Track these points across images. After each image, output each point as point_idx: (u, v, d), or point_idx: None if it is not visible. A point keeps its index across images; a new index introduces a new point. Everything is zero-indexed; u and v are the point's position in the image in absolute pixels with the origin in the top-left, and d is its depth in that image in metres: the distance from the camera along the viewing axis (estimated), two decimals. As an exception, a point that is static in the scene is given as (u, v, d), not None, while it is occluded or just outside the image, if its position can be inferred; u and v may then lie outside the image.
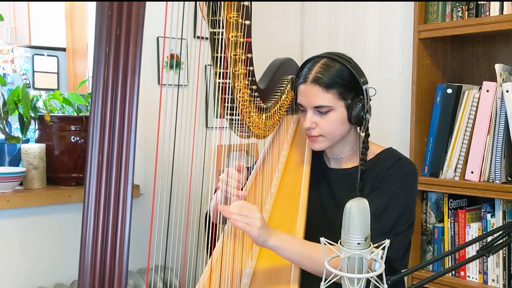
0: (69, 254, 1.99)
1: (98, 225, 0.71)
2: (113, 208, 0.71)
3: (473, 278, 1.94)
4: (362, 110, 1.41)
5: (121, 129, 0.70)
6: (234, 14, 1.21)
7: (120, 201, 0.71)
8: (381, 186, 1.41)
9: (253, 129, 1.43)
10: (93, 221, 0.70)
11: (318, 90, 1.40)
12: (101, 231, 0.71)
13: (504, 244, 1.04)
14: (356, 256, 0.82)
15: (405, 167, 1.45)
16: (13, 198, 1.84)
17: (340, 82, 1.40)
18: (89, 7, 2.44)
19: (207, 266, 1.32)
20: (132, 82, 0.70)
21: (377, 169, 1.44)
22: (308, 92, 1.42)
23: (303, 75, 1.44)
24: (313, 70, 1.42)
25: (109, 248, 0.71)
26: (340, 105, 1.41)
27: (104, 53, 0.69)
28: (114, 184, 0.71)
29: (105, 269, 0.71)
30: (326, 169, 1.55)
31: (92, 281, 0.70)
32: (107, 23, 0.68)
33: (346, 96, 1.41)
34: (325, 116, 1.42)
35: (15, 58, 3.74)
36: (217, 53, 1.23)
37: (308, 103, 1.42)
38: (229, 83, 1.27)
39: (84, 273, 0.70)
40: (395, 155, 1.48)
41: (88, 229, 0.70)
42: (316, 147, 1.47)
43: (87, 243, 0.70)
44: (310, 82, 1.41)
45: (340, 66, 1.42)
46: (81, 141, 1.98)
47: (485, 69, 2.12)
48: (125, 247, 0.71)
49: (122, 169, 0.71)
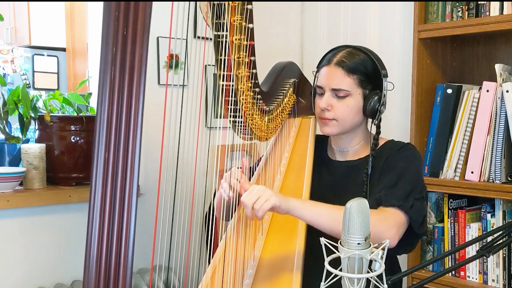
0: (69, 254, 1.99)
1: (104, 225, 0.71)
2: (119, 208, 0.71)
3: (473, 278, 1.94)
4: (377, 103, 1.44)
5: (127, 129, 0.71)
6: (238, 17, 1.22)
7: (125, 200, 0.71)
8: (391, 165, 1.44)
9: (255, 131, 1.43)
10: (98, 221, 0.71)
11: (340, 72, 1.43)
12: (106, 231, 0.71)
13: (504, 244, 1.04)
14: (356, 256, 0.83)
15: (412, 149, 1.50)
16: (13, 198, 1.84)
17: (362, 70, 1.44)
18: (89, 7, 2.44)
19: (210, 266, 1.32)
20: (138, 82, 0.71)
21: (383, 157, 1.47)
22: (330, 74, 1.45)
23: (327, 59, 1.48)
24: (338, 54, 1.46)
25: (114, 248, 0.71)
26: (358, 92, 1.44)
27: (111, 53, 0.69)
28: (119, 184, 0.71)
29: (110, 268, 0.71)
30: (329, 161, 1.56)
31: (97, 280, 0.70)
32: (114, 24, 0.69)
33: (365, 85, 1.45)
34: (342, 101, 1.44)
35: (15, 58, 3.74)
36: (220, 55, 1.24)
37: (327, 84, 1.45)
38: (232, 85, 1.27)
39: (89, 272, 0.70)
40: (400, 143, 1.53)
41: (94, 229, 0.71)
42: (327, 131, 1.49)
43: (92, 243, 0.71)
44: (334, 64, 1.45)
45: (364, 55, 1.46)
46: (81, 141, 1.98)
47: (485, 69, 2.12)
48: (130, 246, 0.72)
49: (127, 169, 0.71)
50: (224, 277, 1.28)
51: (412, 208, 1.37)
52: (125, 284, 0.71)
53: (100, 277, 0.70)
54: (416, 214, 1.37)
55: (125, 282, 0.71)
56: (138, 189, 2.10)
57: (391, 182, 1.40)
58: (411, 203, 1.37)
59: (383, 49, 2.39)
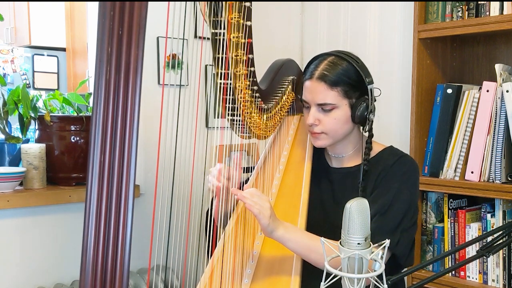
0: (69, 254, 1.99)
1: (100, 226, 0.71)
2: (115, 209, 0.71)
3: (473, 278, 1.94)
4: (366, 110, 1.42)
5: (123, 130, 0.70)
6: (235, 15, 1.22)
7: (122, 201, 0.71)
8: (384, 183, 1.41)
9: (254, 129, 1.43)
10: (95, 222, 0.70)
11: (323, 87, 1.40)
12: (102, 231, 0.71)
13: (504, 244, 1.04)
14: (356, 256, 0.82)
15: (407, 164, 1.46)
16: (13, 198, 1.84)
17: (345, 81, 1.41)
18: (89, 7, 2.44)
19: (208, 265, 1.32)
20: (134, 83, 0.70)
21: (379, 167, 1.45)
22: (313, 89, 1.42)
23: (309, 72, 1.45)
24: (319, 67, 1.43)
25: (110, 248, 0.71)
26: (344, 103, 1.42)
27: (106, 53, 0.69)
28: (116, 184, 0.71)
29: (107, 269, 0.71)
30: (327, 168, 1.55)
31: (94, 281, 0.70)
32: (109, 24, 0.68)
33: (351, 95, 1.42)
34: (329, 114, 1.42)
35: (15, 58, 3.74)
36: (218, 54, 1.23)
37: (312, 99, 1.43)
38: (230, 83, 1.27)
39: (85, 273, 0.70)
40: (397, 153, 1.49)
41: (90, 229, 0.71)
42: (318, 144, 1.47)
43: (88, 243, 0.71)
44: (316, 79, 1.42)
45: (347, 64, 1.42)
46: (81, 141, 1.98)
47: (485, 69, 2.12)
48: (127, 247, 0.71)
49: (124, 170, 0.71)
50: (223, 276, 1.28)
51: (398, 244, 1.34)
52: (121, 285, 0.71)
53: (96, 279, 0.70)
54: (402, 249, 1.36)
55: (121, 283, 0.71)
56: (138, 189, 2.11)
57: (384, 207, 1.36)
58: (397, 238, 1.34)
59: (383, 49, 2.39)
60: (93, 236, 0.70)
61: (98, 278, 0.70)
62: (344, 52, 1.47)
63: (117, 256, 0.71)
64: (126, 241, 0.71)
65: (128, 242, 0.72)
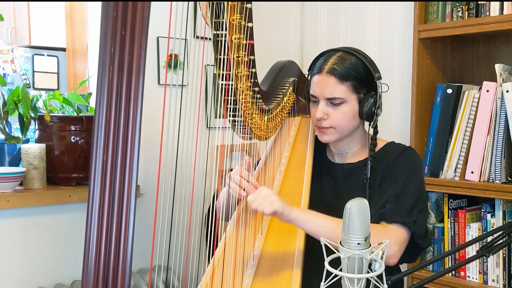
0: (69, 254, 1.99)
1: (102, 226, 0.71)
2: (117, 209, 0.71)
3: (473, 278, 1.94)
4: (373, 106, 1.42)
5: (125, 130, 0.70)
6: (237, 16, 1.22)
7: (124, 201, 0.71)
8: (392, 175, 1.43)
9: (255, 130, 1.43)
10: (97, 222, 0.71)
11: (333, 81, 1.41)
12: (105, 232, 0.71)
13: (504, 244, 1.04)
14: (356, 256, 0.82)
15: (412, 156, 1.48)
16: (13, 198, 1.84)
17: (355, 75, 1.41)
18: (89, 7, 2.44)
19: (209, 266, 1.32)
20: (137, 83, 0.70)
21: (384, 161, 1.46)
22: (323, 83, 1.42)
23: (318, 66, 1.44)
24: (329, 61, 1.43)
25: (113, 248, 0.71)
26: (353, 98, 1.42)
27: (109, 53, 0.69)
28: (118, 184, 0.71)
29: (109, 268, 0.71)
30: (330, 164, 1.56)
31: (96, 280, 0.70)
32: (112, 24, 0.68)
33: (359, 90, 1.42)
34: (337, 108, 1.42)
35: (15, 58, 3.74)
36: (220, 55, 1.24)
37: (321, 94, 1.43)
38: (231, 84, 1.27)
39: (88, 272, 0.70)
40: (400, 146, 1.51)
41: (92, 229, 0.71)
42: (325, 139, 1.47)
43: (91, 243, 0.71)
44: (326, 73, 1.42)
45: (356, 59, 1.43)
46: (81, 141, 1.98)
47: (485, 69, 2.12)
48: (129, 246, 0.72)
49: (126, 170, 0.71)
50: (224, 276, 1.28)
51: (416, 223, 1.37)
52: (123, 285, 0.71)
53: (98, 278, 0.70)
54: (419, 228, 1.38)
55: (123, 283, 0.71)
56: (138, 189, 2.11)
57: (395, 193, 1.39)
58: (414, 217, 1.37)
59: (383, 49, 2.39)
60: (95, 235, 0.71)
61: (100, 277, 0.70)
62: (352, 48, 1.48)
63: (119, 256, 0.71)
64: (128, 240, 0.72)
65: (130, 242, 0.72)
